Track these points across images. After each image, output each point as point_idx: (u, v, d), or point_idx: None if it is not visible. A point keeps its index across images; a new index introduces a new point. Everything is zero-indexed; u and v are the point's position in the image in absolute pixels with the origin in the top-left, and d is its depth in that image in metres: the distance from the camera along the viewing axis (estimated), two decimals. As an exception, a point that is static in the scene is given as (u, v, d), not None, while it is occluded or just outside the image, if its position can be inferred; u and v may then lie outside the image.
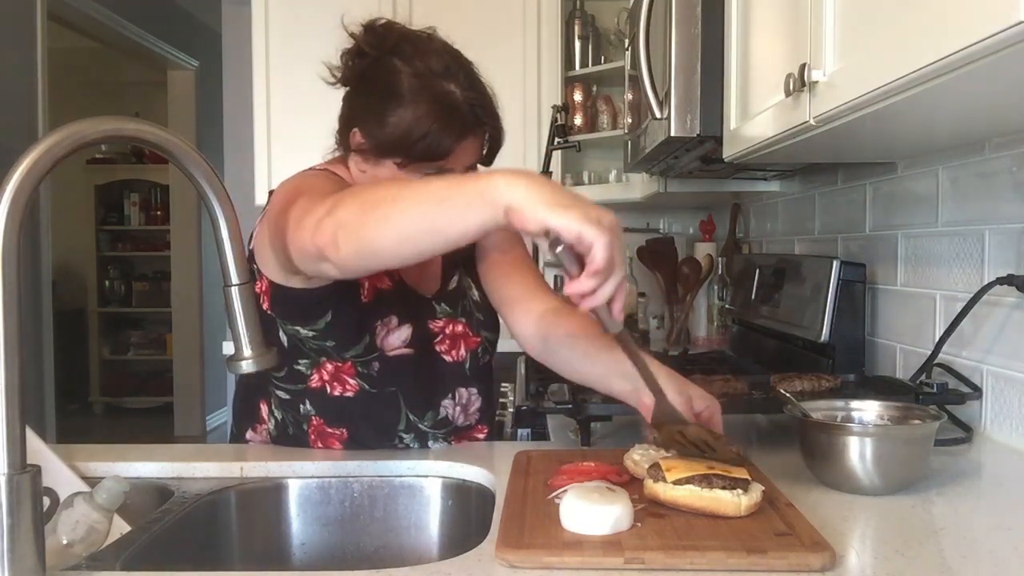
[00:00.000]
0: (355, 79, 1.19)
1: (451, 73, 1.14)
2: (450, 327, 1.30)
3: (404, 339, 1.23)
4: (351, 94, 1.20)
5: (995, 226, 1.32)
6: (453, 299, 1.32)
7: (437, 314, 1.29)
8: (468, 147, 1.16)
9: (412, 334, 1.24)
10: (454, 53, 1.18)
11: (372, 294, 1.22)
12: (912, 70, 0.84)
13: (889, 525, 0.91)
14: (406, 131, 1.11)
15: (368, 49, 1.15)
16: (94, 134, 0.73)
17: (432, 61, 1.14)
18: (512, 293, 1.32)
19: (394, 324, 1.23)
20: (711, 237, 2.92)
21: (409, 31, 1.18)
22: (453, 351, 1.30)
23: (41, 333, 3.82)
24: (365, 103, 1.17)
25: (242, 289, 0.81)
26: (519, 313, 1.30)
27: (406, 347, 1.24)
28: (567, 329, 1.23)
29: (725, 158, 1.58)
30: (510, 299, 1.32)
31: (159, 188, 6.39)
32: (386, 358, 1.23)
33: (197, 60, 5.53)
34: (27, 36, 3.70)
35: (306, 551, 1.19)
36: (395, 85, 1.12)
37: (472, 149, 1.17)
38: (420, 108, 1.11)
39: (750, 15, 1.47)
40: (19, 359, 0.69)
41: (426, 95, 1.11)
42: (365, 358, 1.22)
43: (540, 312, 1.28)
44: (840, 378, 1.46)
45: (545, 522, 0.86)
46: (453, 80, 1.13)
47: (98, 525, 0.96)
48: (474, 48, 1.23)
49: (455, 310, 1.31)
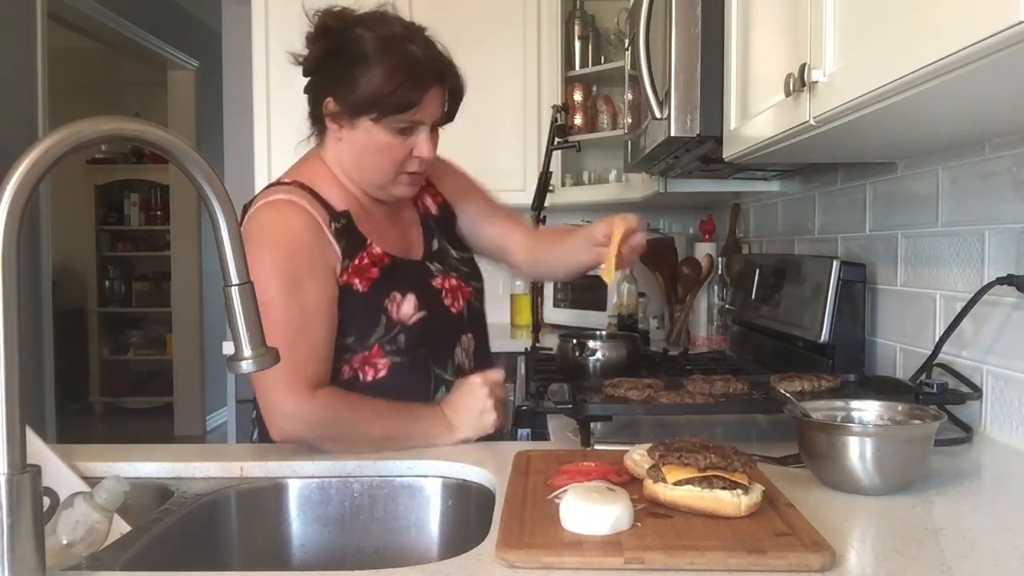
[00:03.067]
0: (322, 57, 1.31)
1: (411, 35, 1.29)
2: (447, 282, 1.41)
3: (414, 305, 1.33)
4: (320, 70, 1.33)
5: (995, 226, 1.32)
6: (441, 258, 1.45)
7: (433, 272, 1.41)
8: (433, 99, 1.30)
9: (418, 298, 1.34)
10: (412, 24, 1.33)
11: (367, 284, 1.31)
12: (912, 70, 0.84)
13: (889, 525, 0.91)
14: (379, 87, 1.25)
15: (333, 23, 1.29)
16: (94, 134, 0.73)
17: (393, 26, 1.29)
18: (496, 232, 1.57)
19: (399, 298, 1.33)
20: (711, 237, 2.92)
21: (366, 12, 1.32)
22: (456, 303, 1.41)
23: (41, 333, 3.81)
24: (336, 73, 1.29)
25: (242, 289, 0.81)
26: (511, 246, 1.57)
27: (419, 312, 1.33)
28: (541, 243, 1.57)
29: (725, 158, 1.58)
30: (499, 237, 1.57)
31: (159, 188, 6.39)
32: (407, 327, 1.32)
33: (197, 60, 5.53)
34: (27, 36, 3.69)
35: (306, 551, 1.19)
36: (363, 49, 1.26)
37: (437, 101, 1.31)
38: (387, 65, 1.25)
39: (750, 15, 1.47)
40: (19, 359, 0.69)
41: (391, 53, 1.26)
42: (389, 335, 1.32)
43: (520, 241, 1.57)
44: (840, 378, 1.46)
45: (545, 522, 0.86)
46: (413, 41, 1.28)
47: (98, 525, 0.96)
48: (474, 48, 1.26)
49: (445, 267, 1.43)
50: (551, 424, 1.44)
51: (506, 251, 1.57)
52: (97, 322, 6.49)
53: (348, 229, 1.32)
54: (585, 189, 3.19)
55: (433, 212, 1.49)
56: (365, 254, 1.32)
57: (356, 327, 1.31)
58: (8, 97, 3.57)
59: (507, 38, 3.06)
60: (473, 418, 1.30)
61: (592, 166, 3.30)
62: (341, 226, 1.31)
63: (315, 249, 1.28)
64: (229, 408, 2.98)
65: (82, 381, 6.33)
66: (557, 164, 2.94)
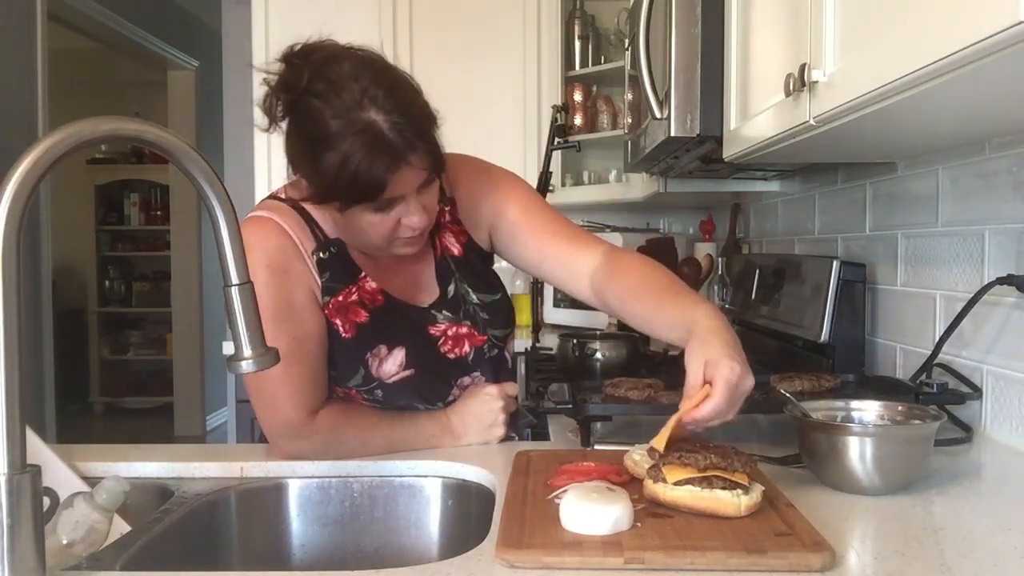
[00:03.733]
0: (288, 115, 1.10)
1: (370, 98, 1.04)
2: (453, 329, 1.28)
3: (400, 363, 1.23)
4: (288, 134, 1.12)
5: (995, 226, 1.32)
6: (454, 306, 1.29)
7: (438, 320, 1.27)
8: (405, 175, 1.07)
9: (407, 354, 1.23)
10: (371, 68, 1.08)
11: (352, 329, 1.21)
12: (912, 70, 0.84)
13: (889, 525, 0.91)
14: (335, 176, 1.05)
15: (284, 94, 1.08)
16: (94, 134, 0.73)
17: (346, 93, 1.04)
18: (553, 266, 1.29)
19: (384, 352, 1.22)
20: (711, 237, 2.92)
21: (319, 58, 1.08)
22: (456, 349, 1.28)
23: (41, 333, 3.81)
24: (299, 147, 1.10)
25: (242, 289, 0.81)
26: (569, 281, 1.28)
27: (404, 370, 1.23)
28: (619, 288, 1.21)
29: (725, 158, 1.58)
30: (555, 271, 1.29)
31: (159, 188, 6.39)
32: (387, 385, 1.23)
33: (197, 60, 5.53)
34: (27, 36, 3.69)
35: (306, 551, 1.19)
36: (318, 129, 1.05)
37: (410, 175, 1.08)
38: (344, 148, 1.03)
39: (750, 15, 1.47)
40: (19, 359, 0.69)
41: (348, 132, 1.03)
42: (367, 386, 1.23)
43: (588, 274, 1.25)
44: (840, 378, 1.46)
45: (545, 522, 0.86)
46: (373, 105, 1.04)
47: (98, 525, 0.96)
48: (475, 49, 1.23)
49: (457, 315, 1.28)
50: (551, 424, 1.44)
51: (567, 288, 1.30)
52: (97, 322, 6.49)
53: (338, 259, 1.21)
54: (585, 189, 3.19)
55: (454, 253, 1.30)
56: (356, 288, 1.21)
57: (335, 366, 1.22)
58: (8, 97, 3.57)
59: (507, 38, 3.06)
60: (481, 429, 1.27)
61: (592, 166, 3.30)
62: (328, 256, 1.20)
63: (292, 273, 1.18)
64: (229, 408, 2.97)
65: (82, 381, 6.33)
66: (557, 164, 2.94)
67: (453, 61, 2.99)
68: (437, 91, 1.15)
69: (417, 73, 1.14)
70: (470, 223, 1.31)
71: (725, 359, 0.99)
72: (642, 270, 1.22)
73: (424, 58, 2.93)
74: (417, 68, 3.08)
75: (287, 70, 1.09)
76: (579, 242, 1.28)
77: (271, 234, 1.18)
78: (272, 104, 1.10)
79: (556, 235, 1.28)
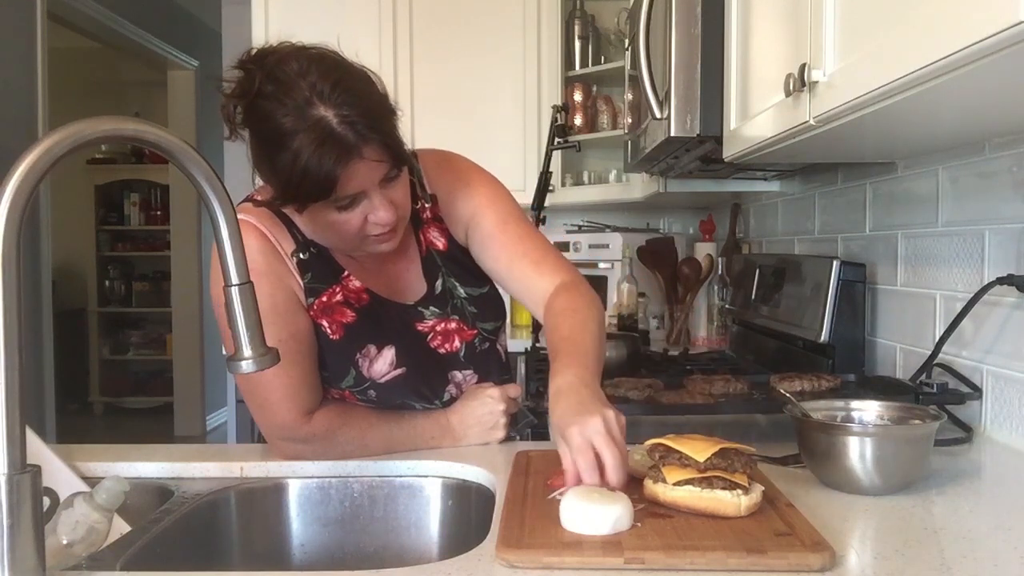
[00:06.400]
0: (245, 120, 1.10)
1: (318, 94, 1.03)
2: (441, 325, 1.28)
3: (391, 362, 1.22)
4: (248, 138, 1.12)
5: (995, 226, 1.32)
6: (441, 301, 1.28)
7: (425, 317, 1.27)
8: (360, 169, 1.05)
9: (397, 353, 1.22)
10: (320, 64, 1.06)
11: (340, 330, 1.20)
12: (912, 70, 0.84)
13: (889, 525, 0.91)
14: (289, 175, 1.04)
15: (239, 100, 1.08)
16: (94, 134, 0.73)
17: (296, 92, 1.03)
18: (517, 286, 1.29)
19: (374, 352, 1.21)
20: (711, 237, 2.92)
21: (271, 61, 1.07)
22: (447, 344, 1.28)
23: (41, 333, 3.81)
24: (256, 151, 1.10)
25: (242, 289, 0.81)
26: (528, 303, 1.29)
27: (396, 369, 1.23)
28: (546, 327, 1.22)
29: (725, 158, 1.58)
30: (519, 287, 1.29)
31: (159, 188, 6.38)
32: (380, 385, 1.23)
33: (197, 60, 5.53)
34: (27, 36, 3.69)
35: (306, 551, 1.19)
36: (271, 130, 1.04)
37: (365, 169, 1.05)
38: (294, 146, 1.02)
39: (750, 15, 1.47)
40: (19, 359, 0.69)
41: (299, 130, 1.02)
42: (360, 387, 1.23)
43: (542, 302, 1.26)
44: (840, 378, 1.46)
45: (545, 522, 0.86)
46: (323, 102, 1.02)
47: (98, 525, 0.96)
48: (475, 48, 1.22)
49: (444, 310, 1.28)
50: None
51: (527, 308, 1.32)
52: (97, 322, 6.48)
53: (320, 259, 1.20)
54: (585, 189, 3.19)
55: (439, 248, 1.29)
56: (339, 288, 1.20)
57: (326, 368, 1.22)
58: (8, 97, 3.57)
59: (507, 38, 3.06)
60: (481, 430, 1.27)
61: (592, 166, 3.30)
62: (309, 256, 1.19)
63: (272, 275, 1.16)
64: (229, 408, 2.98)
65: (82, 381, 6.33)
66: (557, 164, 2.94)
67: (453, 61, 2.98)
68: (437, 91, 1.15)
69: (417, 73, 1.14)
70: (449, 220, 1.30)
71: (558, 428, 0.98)
72: (568, 320, 1.18)
73: (424, 58, 2.92)
74: (417, 68, 3.11)
75: (243, 76, 1.08)
76: (543, 267, 1.27)
77: (248, 236, 1.14)
78: (231, 111, 1.09)
79: (525, 256, 1.27)
